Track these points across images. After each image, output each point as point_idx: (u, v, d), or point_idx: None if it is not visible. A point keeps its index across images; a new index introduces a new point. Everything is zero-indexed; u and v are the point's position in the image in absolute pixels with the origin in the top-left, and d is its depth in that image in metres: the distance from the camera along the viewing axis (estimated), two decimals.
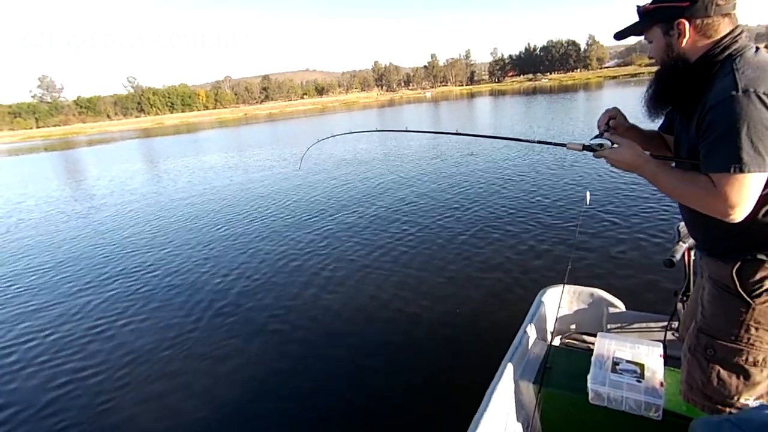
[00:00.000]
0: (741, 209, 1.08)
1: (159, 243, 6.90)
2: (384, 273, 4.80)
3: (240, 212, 8.34)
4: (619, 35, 1.38)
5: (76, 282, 5.58)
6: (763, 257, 1.20)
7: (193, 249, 6.41)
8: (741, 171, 1.04)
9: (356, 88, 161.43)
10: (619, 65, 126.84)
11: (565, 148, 1.39)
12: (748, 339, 1.25)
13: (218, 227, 7.44)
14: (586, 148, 1.34)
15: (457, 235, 5.69)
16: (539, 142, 1.63)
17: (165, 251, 6.45)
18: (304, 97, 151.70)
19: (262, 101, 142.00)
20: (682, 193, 1.19)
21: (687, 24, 1.18)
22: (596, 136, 1.38)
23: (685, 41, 1.20)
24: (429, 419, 2.66)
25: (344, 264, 5.18)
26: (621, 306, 2.35)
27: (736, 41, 1.16)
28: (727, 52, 1.15)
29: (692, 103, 1.21)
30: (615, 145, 1.31)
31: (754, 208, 1.15)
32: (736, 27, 1.18)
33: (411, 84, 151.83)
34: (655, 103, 1.34)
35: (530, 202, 6.82)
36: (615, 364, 1.77)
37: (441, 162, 11.42)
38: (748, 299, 1.23)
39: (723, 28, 1.17)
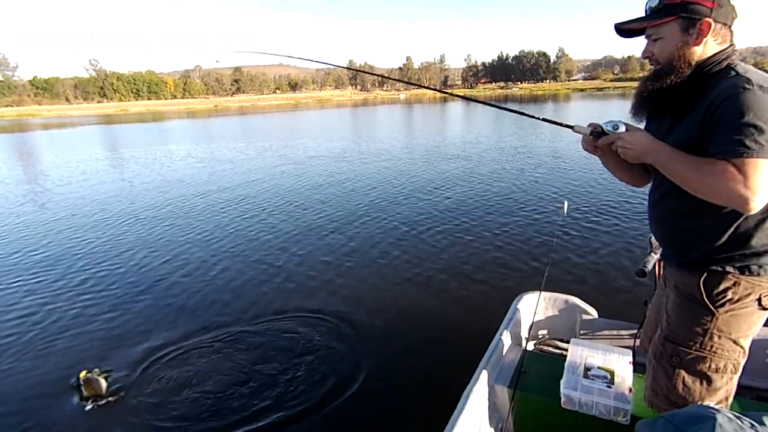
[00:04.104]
0: (761, 195, 1.05)
1: (111, 232, 6.62)
2: (360, 277, 4.76)
3: (209, 205, 8.11)
4: (623, 24, 1.35)
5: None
6: (729, 269, 1.26)
7: (146, 244, 6.18)
8: (764, 156, 1.04)
9: (330, 86, 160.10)
10: (585, 79, 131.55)
11: (571, 130, 1.35)
12: (711, 347, 1.31)
13: (180, 220, 7.21)
14: (594, 132, 1.30)
15: (436, 242, 5.72)
16: (545, 120, 1.55)
17: (115, 242, 6.19)
18: (277, 91, 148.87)
19: (233, 93, 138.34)
20: (698, 178, 1.13)
21: (713, 24, 1.20)
22: (606, 123, 1.31)
23: (703, 41, 1.22)
24: (404, 422, 2.67)
25: (319, 266, 5.12)
26: (594, 313, 2.41)
27: (734, 54, 1.23)
28: (727, 62, 1.22)
29: (685, 106, 1.24)
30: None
31: (730, 221, 1.21)
32: (733, 44, 1.26)
33: (385, 85, 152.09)
34: (648, 102, 1.33)
35: (510, 210, 6.94)
36: (587, 369, 1.81)
37: (418, 169, 11.39)
38: (712, 309, 1.29)
39: (728, 39, 1.25)
